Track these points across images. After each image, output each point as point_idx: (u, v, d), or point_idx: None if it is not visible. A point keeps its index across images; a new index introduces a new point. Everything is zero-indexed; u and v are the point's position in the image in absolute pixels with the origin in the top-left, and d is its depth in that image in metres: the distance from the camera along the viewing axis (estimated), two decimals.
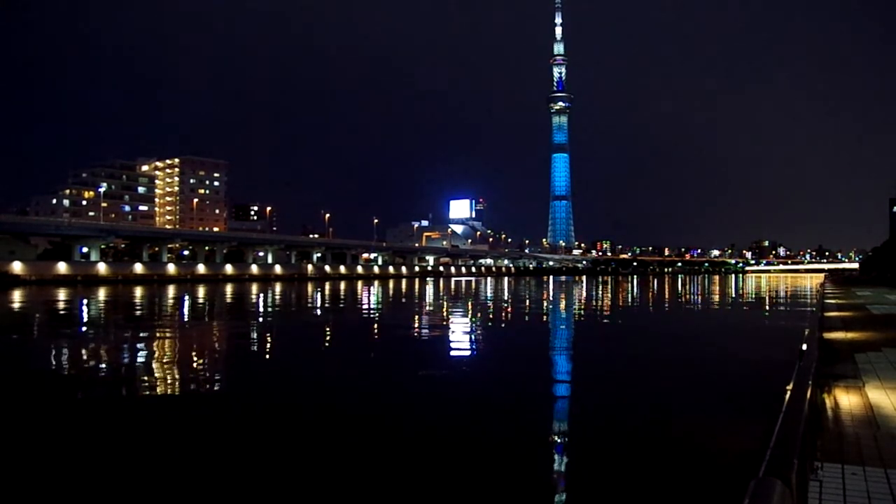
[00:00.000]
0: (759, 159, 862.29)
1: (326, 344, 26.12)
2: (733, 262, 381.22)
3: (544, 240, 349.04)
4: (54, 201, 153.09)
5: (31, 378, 16.46)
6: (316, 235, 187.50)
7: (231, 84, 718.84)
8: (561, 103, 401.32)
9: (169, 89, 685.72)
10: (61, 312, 41.85)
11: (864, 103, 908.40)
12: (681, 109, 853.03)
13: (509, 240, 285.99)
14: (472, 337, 26.61)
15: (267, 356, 21.70)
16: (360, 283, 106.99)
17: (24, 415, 12.17)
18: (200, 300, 55.18)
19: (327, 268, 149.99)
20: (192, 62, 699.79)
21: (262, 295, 64.02)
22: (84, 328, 30.89)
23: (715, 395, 13.94)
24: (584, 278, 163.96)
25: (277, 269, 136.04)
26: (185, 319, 35.70)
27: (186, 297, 58.07)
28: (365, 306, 48.88)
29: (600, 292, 74.35)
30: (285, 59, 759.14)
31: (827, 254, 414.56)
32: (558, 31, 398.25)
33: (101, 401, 13.63)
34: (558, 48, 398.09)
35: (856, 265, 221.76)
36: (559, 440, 10.51)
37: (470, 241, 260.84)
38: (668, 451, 9.60)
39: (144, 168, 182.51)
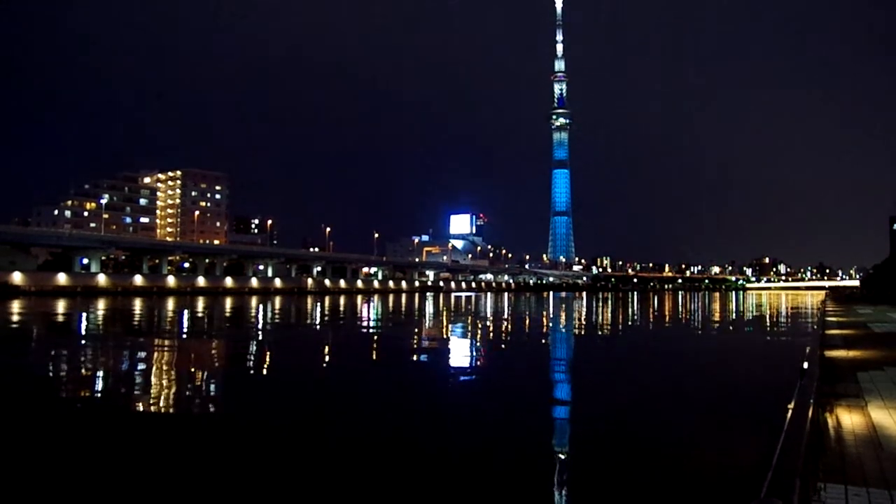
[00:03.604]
0: (761, 177, 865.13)
1: (327, 358, 26.00)
2: (734, 279, 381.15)
3: (545, 255, 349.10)
4: (56, 212, 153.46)
5: (17, 393, 16.33)
6: (316, 249, 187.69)
7: (233, 97, 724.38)
8: (561, 119, 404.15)
9: (171, 103, 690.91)
10: (58, 324, 41.71)
11: (866, 120, 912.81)
12: (681, 128, 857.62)
13: (509, 255, 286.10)
14: (477, 359, 26.49)
15: (272, 371, 21.54)
16: (359, 298, 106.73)
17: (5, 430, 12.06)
18: (200, 313, 55.02)
19: (327, 282, 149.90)
20: (194, 75, 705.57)
21: (261, 308, 63.87)
22: (80, 341, 30.74)
23: (713, 413, 13.81)
24: (584, 295, 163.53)
25: (277, 282, 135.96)
26: (184, 333, 35.56)
27: (185, 311, 57.91)
28: (365, 322, 48.73)
29: (601, 310, 74.18)
30: (287, 73, 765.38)
31: (828, 271, 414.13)
32: (559, 47, 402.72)
33: (89, 418, 13.50)
34: (559, 65, 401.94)
35: (857, 283, 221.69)
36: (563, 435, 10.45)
37: (470, 256, 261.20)
38: (667, 469, 9.49)
39: (146, 180, 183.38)
